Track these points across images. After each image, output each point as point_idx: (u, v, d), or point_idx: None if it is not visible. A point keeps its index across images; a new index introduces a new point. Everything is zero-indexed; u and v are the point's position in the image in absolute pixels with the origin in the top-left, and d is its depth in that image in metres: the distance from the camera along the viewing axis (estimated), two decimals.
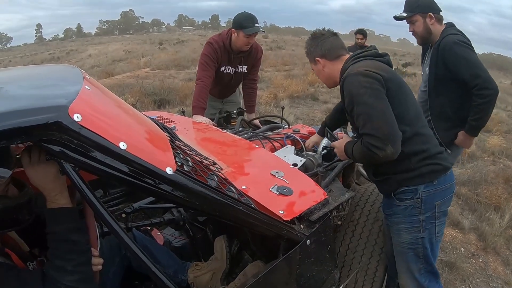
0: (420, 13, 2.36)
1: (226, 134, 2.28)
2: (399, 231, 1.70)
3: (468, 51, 2.26)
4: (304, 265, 1.47)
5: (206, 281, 1.69)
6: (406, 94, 1.63)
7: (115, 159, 0.85)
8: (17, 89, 0.98)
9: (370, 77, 1.53)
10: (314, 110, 7.77)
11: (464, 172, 4.60)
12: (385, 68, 1.63)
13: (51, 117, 0.77)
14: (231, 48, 2.96)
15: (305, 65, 14.26)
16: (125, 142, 0.86)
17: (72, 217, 1.02)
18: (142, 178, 0.90)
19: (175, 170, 0.94)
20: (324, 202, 1.63)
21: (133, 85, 9.27)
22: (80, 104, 0.84)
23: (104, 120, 0.89)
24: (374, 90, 1.51)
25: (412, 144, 1.58)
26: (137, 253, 0.93)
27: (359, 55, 1.72)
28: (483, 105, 2.23)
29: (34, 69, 1.48)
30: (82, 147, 0.82)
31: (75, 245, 1.01)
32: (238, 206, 1.10)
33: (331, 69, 1.81)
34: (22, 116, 0.76)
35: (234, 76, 3.18)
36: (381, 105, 1.50)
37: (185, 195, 0.97)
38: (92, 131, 0.82)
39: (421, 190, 1.61)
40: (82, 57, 32.52)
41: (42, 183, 0.98)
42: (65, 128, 0.79)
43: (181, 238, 2.10)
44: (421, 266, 1.72)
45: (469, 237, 3.32)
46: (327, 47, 1.79)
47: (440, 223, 1.68)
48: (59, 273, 0.98)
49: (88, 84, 1.03)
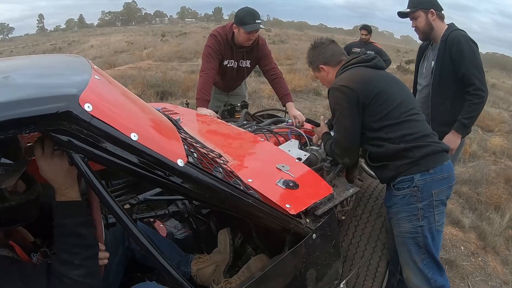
0: (422, 9, 2.43)
1: (231, 127, 2.27)
2: (399, 220, 1.74)
3: (475, 49, 2.31)
4: (310, 259, 1.47)
5: (209, 274, 1.69)
6: (388, 93, 1.75)
7: (126, 150, 0.84)
8: (24, 78, 0.95)
9: (344, 94, 1.73)
10: (316, 105, 7.75)
11: (465, 171, 4.60)
12: (364, 78, 1.77)
13: (62, 106, 0.76)
14: (233, 43, 2.93)
15: None
16: (137, 133, 0.85)
17: (81, 211, 1.01)
18: (152, 169, 0.88)
19: (186, 162, 0.93)
20: (329, 196, 1.63)
21: (135, 76, 9.22)
22: (91, 93, 0.82)
23: (114, 111, 0.88)
24: (345, 109, 1.74)
25: (397, 131, 1.70)
26: (145, 245, 0.93)
27: (347, 64, 1.88)
28: (477, 105, 2.29)
29: (41, 58, 1.46)
30: (92, 137, 0.81)
31: (83, 239, 1.00)
32: (247, 198, 1.10)
33: (333, 75, 1.95)
34: (31, 105, 0.74)
35: (237, 70, 3.15)
36: (347, 124, 1.77)
37: (194, 187, 0.96)
38: (103, 121, 0.80)
39: (417, 178, 1.67)
40: (84, 48, 32.33)
41: (54, 176, 0.97)
42: (75, 117, 0.77)
43: (184, 230, 2.11)
44: (423, 256, 1.73)
45: (469, 235, 3.32)
46: (329, 54, 1.95)
47: (439, 212, 1.70)
48: (65, 267, 0.97)
49: (97, 74, 1.00)
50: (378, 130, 1.72)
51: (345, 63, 1.90)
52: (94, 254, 1.03)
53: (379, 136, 1.72)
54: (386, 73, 1.90)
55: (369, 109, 1.72)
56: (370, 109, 1.72)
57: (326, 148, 1.97)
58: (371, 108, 1.71)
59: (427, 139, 1.72)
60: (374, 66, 1.85)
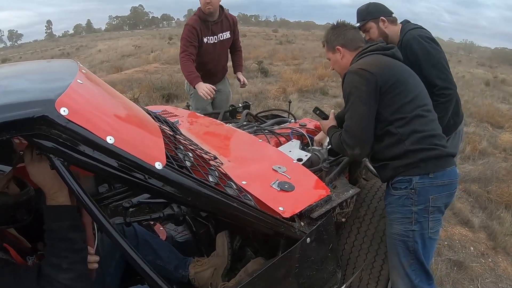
0: (372, 20, 2.32)
1: (229, 128, 2.26)
2: (392, 221, 1.70)
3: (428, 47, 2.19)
4: (304, 263, 1.43)
5: (207, 277, 1.67)
6: (405, 83, 1.68)
7: (103, 153, 0.83)
8: (9, 84, 0.97)
9: (363, 78, 1.62)
10: (323, 105, 7.68)
11: (475, 169, 4.50)
12: (383, 64, 1.69)
13: (38, 111, 0.76)
14: (205, 18, 3.14)
15: (314, 59, 14.10)
16: (113, 136, 0.84)
17: (70, 215, 1.02)
18: (131, 172, 0.87)
19: (164, 165, 0.91)
20: (326, 198, 1.59)
21: (141, 79, 9.29)
22: (68, 98, 0.82)
23: (92, 114, 0.87)
24: (363, 93, 1.62)
25: (408, 125, 1.62)
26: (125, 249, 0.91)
27: (364, 51, 1.79)
28: (445, 104, 2.18)
29: (32, 64, 1.47)
30: (70, 141, 0.80)
31: (71, 243, 1.00)
32: (231, 202, 1.07)
33: (349, 59, 1.87)
34: (9, 110, 0.75)
35: (219, 45, 3.31)
36: (363, 110, 1.64)
37: (176, 191, 0.95)
38: (79, 124, 0.80)
39: (415, 181, 1.61)
40: (91, 53, 32.67)
41: (42, 180, 0.99)
42: (51, 122, 0.77)
43: (184, 233, 2.09)
44: (412, 262, 1.67)
45: (479, 235, 3.23)
46: (349, 38, 1.87)
47: (434, 219, 1.64)
48: (54, 270, 0.97)
49: (81, 78, 1.01)
50: (389, 123, 1.64)
51: (363, 50, 1.82)
52: (82, 258, 1.04)
53: (389, 130, 1.64)
54: (403, 65, 1.81)
55: (385, 97, 1.63)
56: (386, 98, 1.63)
57: (334, 142, 1.80)
58: (388, 97, 1.63)
59: (434, 140, 1.64)
60: (392, 56, 1.79)
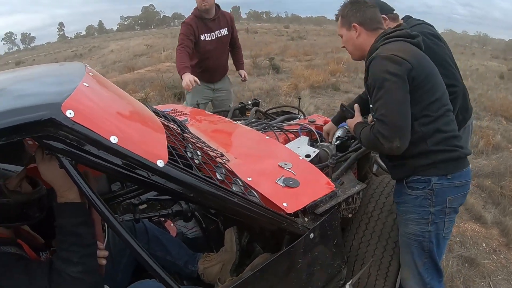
0: None
1: (237, 126, 2.28)
2: (407, 221, 1.66)
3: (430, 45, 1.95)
4: (307, 259, 1.45)
5: (216, 272, 1.71)
6: (433, 79, 1.57)
7: (107, 152, 0.88)
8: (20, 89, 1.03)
9: (397, 64, 1.48)
10: (335, 100, 7.63)
11: (488, 164, 4.41)
12: (415, 53, 1.56)
13: (45, 114, 0.80)
14: (201, 15, 3.20)
15: (326, 54, 13.98)
16: (116, 135, 0.88)
17: (79, 211, 1.07)
18: (135, 170, 0.92)
19: (166, 163, 0.95)
20: (331, 194, 1.60)
21: (153, 79, 9.37)
22: (74, 101, 0.86)
23: (97, 115, 0.91)
24: (399, 78, 1.47)
25: (432, 124, 1.54)
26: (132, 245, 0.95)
27: (390, 35, 1.64)
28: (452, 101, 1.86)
29: (41, 68, 1.52)
30: (76, 141, 0.85)
31: (81, 238, 1.05)
32: (232, 198, 1.10)
33: (365, 39, 1.71)
34: (19, 114, 0.79)
35: (216, 42, 3.34)
36: (401, 96, 1.47)
37: (179, 188, 0.99)
38: (84, 126, 0.84)
39: (434, 181, 1.56)
40: (104, 53, 33.10)
41: (52, 179, 1.03)
42: (58, 124, 0.82)
43: (194, 229, 2.13)
44: (425, 261, 1.67)
45: (492, 232, 3.17)
46: (369, 16, 1.70)
47: (449, 219, 1.62)
48: (65, 264, 1.02)
49: (87, 80, 1.06)
50: (414, 120, 1.52)
51: (387, 33, 1.65)
52: (92, 253, 1.09)
53: (413, 127, 1.52)
54: (429, 58, 1.66)
55: (416, 93, 1.51)
56: (417, 94, 1.52)
57: (364, 138, 1.63)
58: (418, 93, 1.52)
59: (454, 142, 1.58)
60: (418, 45, 1.64)
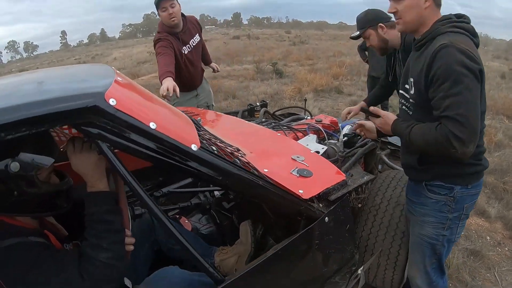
0: (371, 27, 2.31)
1: (249, 124, 2.36)
2: (424, 223, 1.66)
3: None
4: (323, 241, 1.52)
5: (232, 264, 1.76)
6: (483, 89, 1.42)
7: (146, 138, 0.95)
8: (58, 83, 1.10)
9: (475, 62, 1.32)
10: (338, 103, 7.71)
11: (491, 161, 4.44)
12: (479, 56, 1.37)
13: (90, 101, 0.88)
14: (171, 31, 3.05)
15: (328, 58, 14.04)
16: (155, 122, 0.95)
17: (108, 200, 1.14)
18: (170, 155, 0.99)
19: (199, 147, 1.02)
20: (342, 183, 1.68)
21: (158, 85, 9.39)
22: (114, 91, 0.94)
23: (135, 104, 0.99)
24: (476, 77, 1.32)
25: None
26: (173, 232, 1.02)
27: (458, 24, 1.43)
28: None
29: (70, 67, 1.61)
30: (117, 128, 0.92)
31: (110, 225, 1.12)
32: (258, 181, 1.17)
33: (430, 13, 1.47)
34: (65, 102, 0.87)
35: (195, 50, 3.29)
36: (477, 97, 1.33)
37: (210, 171, 1.06)
38: (126, 113, 0.92)
39: (457, 190, 1.55)
40: (107, 61, 33.18)
41: (84, 170, 1.11)
42: (102, 111, 0.89)
43: (208, 225, 2.19)
44: (434, 261, 1.72)
45: (495, 225, 3.24)
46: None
47: (462, 225, 1.66)
48: (95, 251, 1.08)
49: (120, 77, 1.14)
50: None
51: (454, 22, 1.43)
52: (120, 239, 1.15)
53: None
54: None
55: None
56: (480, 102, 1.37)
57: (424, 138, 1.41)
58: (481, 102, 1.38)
59: (482, 156, 1.56)
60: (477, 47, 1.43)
